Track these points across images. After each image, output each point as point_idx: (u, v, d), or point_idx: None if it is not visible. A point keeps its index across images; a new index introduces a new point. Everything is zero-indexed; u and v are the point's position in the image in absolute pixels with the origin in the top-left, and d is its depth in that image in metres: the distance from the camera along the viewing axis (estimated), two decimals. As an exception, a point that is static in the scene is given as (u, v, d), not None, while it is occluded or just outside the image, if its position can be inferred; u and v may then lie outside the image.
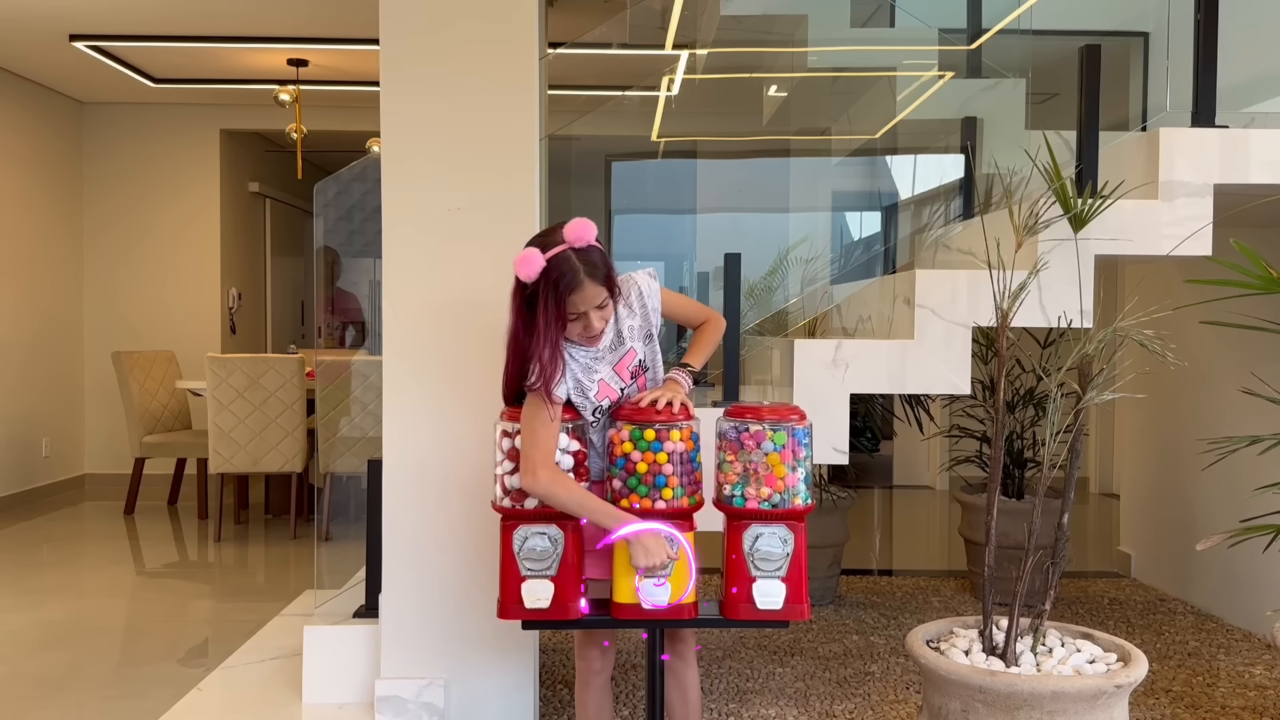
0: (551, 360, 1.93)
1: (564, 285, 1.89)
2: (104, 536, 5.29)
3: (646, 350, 2.10)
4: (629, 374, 2.07)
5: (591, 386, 2.03)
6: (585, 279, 1.90)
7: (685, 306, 2.23)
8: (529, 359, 1.94)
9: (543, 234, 1.99)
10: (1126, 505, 4.61)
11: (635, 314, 2.08)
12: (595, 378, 2.03)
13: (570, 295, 1.90)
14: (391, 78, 2.61)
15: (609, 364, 2.05)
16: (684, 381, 2.07)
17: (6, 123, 5.98)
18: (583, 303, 1.92)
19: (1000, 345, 2.21)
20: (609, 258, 1.97)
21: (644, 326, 2.09)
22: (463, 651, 2.63)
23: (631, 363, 2.07)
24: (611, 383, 2.04)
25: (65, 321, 6.57)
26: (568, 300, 1.91)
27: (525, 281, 1.92)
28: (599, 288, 1.92)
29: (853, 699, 2.97)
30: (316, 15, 4.95)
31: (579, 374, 2.02)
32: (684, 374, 2.09)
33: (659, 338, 2.12)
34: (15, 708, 2.92)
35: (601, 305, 1.95)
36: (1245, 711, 2.91)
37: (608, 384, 2.04)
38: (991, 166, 3.36)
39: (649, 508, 1.96)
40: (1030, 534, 2.13)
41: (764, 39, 4.56)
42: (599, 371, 2.04)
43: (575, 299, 1.91)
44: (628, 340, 2.07)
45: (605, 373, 2.04)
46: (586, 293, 1.91)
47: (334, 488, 4.59)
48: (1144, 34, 3.58)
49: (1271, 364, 3.46)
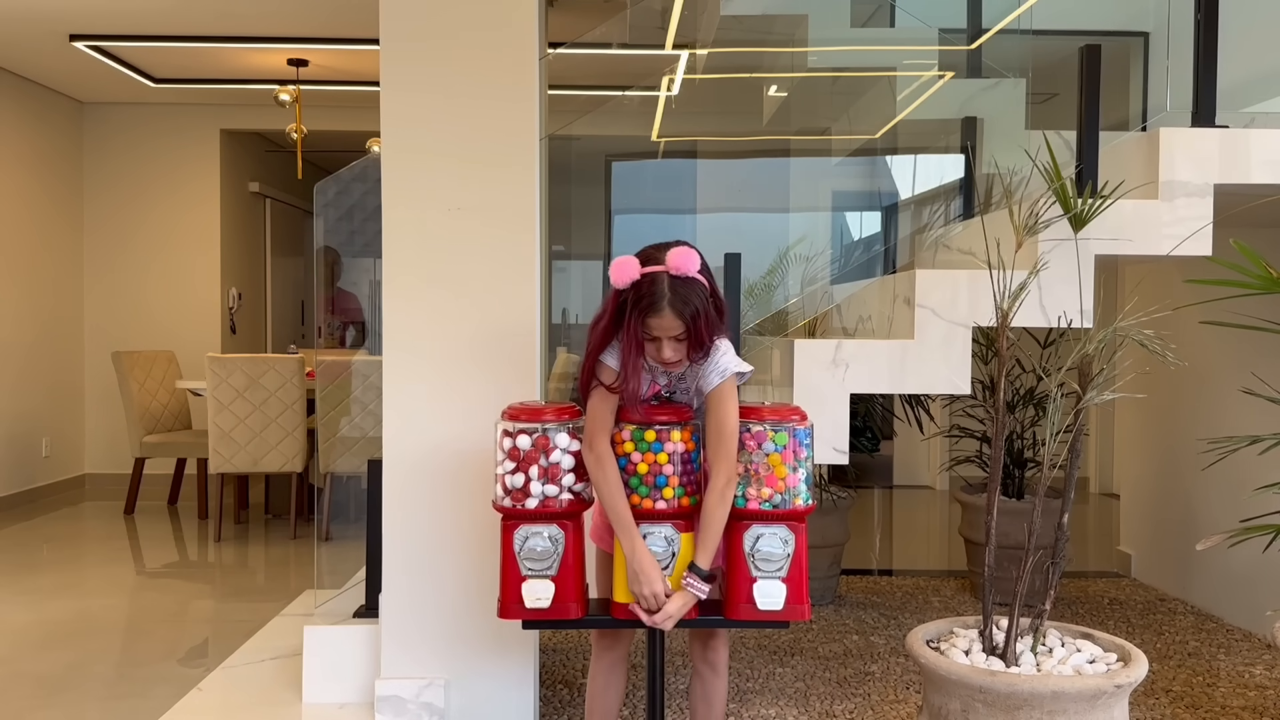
0: (634, 374, 1.95)
1: (644, 305, 1.91)
2: (104, 536, 5.29)
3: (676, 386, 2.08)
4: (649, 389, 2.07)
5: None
6: (667, 308, 1.89)
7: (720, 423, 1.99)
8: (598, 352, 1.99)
9: (653, 247, 1.98)
10: (1126, 505, 4.61)
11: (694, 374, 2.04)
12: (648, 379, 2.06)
13: (648, 318, 1.91)
14: (391, 77, 2.61)
15: (649, 379, 2.05)
16: (695, 591, 1.97)
17: (7, 123, 5.98)
18: (658, 329, 1.91)
19: (1000, 345, 2.21)
20: (711, 303, 1.94)
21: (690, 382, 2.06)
22: (463, 651, 2.63)
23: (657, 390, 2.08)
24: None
25: (65, 321, 6.57)
26: (646, 321, 1.92)
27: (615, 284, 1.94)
28: (678, 321, 1.90)
29: (853, 699, 2.97)
30: (316, 15, 4.95)
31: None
32: (694, 580, 1.97)
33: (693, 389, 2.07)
34: (15, 708, 2.92)
35: (679, 338, 1.93)
36: (1245, 711, 2.91)
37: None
38: (991, 166, 3.36)
39: (650, 508, 1.96)
40: (1030, 534, 2.13)
41: (764, 39, 4.56)
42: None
43: (652, 322, 1.91)
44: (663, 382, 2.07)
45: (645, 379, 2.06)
46: (664, 320, 1.90)
47: (334, 488, 4.59)
48: (1144, 34, 3.58)
49: (1271, 364, 3.46)
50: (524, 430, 1.99)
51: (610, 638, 2.19)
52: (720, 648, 2.17)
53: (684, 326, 1.91)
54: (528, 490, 1.99)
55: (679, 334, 1.92)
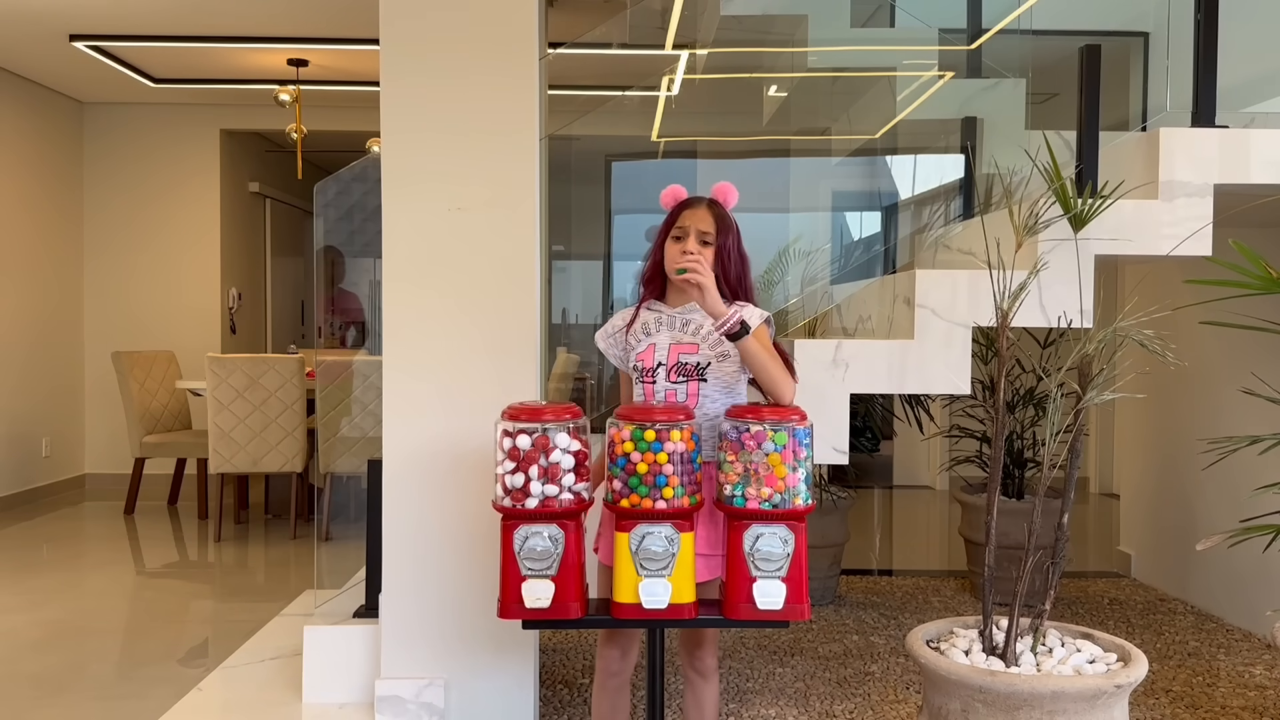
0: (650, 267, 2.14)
1: (685, 202, 2.11)
2: (104, 536, 5.29)
3: (714, 360, 2.07)
4: (678, 365, 2.08)
5: (642, 344, 2.12)
6: (705, 204, 2.09)
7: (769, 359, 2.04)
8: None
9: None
10: (1126, 505, 4.61)
11: None
12: (648, 341, 2.11)
13: (685, 209, 2.09)
14: (391, 77, 2.61)
15: (669, 338, 2.10)
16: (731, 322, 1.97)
17: (7, 122, 5.98)
18: (691, 219, 2.07)
19: (1000, 345, 2.21)
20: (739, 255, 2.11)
21: (725, 342, 2.04)
22: (463, 651, 2.63)
23: (689, 357, 2.09)
24: (658, 352, 2.10)
25: (65, 321, 6.57)
26: (681, 214, 2.09)
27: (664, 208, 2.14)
28: (710, 219, 2.07)
29: (853, 699, 2.97)
30: (316, 15, 4.95)
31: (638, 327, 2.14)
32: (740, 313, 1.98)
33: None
34: (15, 708, 2.92)
35: (705, 238, 2.06)
36: (1245, 711, 2.91)
37: (654, 350, 2.10)
38: (991, 166, 3.36)
39: (650, 508, 1.96)
40: (1030, 534, 2.13)
41: (764, 39, 4.56)
42: (656, 336, 2.11)
43: (687, 213, 2.08)
44: (702, 342, 2.08)
45: (661, 340, 2.11)
46: (698, 212, 2.08)
47: (334, 488, 4.59)
48: (1144, 34, 3.57)
49: (1271, 364, 3.46)
50: (524, 430, 1.99)
51: (617, 663, 2.19)
52: (708, 655, 2.18)
53: (714, 227, 2.06)
54: (528, 490, 1.98)
55: (707, 233, 2.06)
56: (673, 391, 2.08)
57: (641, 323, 2.15)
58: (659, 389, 2.09)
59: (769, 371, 2.02)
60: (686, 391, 2.08)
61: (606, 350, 2.22)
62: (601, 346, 2.23)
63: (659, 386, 2.09)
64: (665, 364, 2.09)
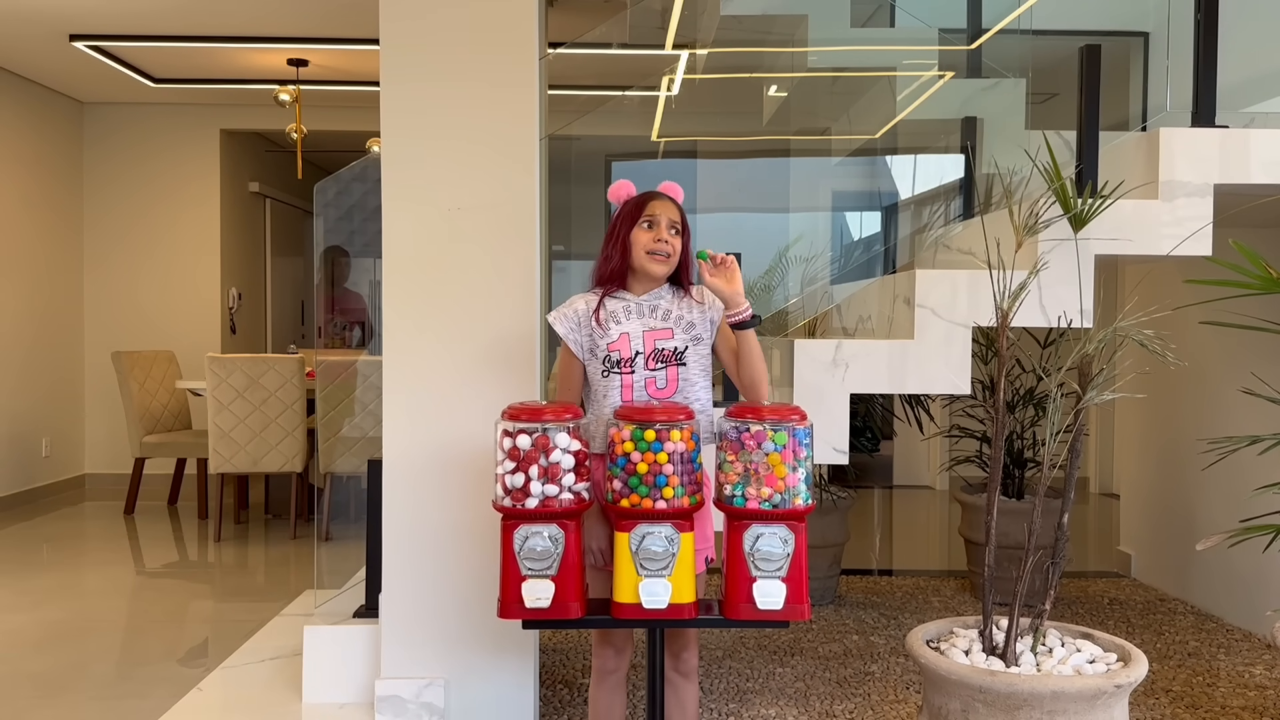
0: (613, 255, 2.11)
1: (650, 194, 2.14)
2: (104, 536, 5.29)
3: (689, 345, 2.11)
4: (656, 352, 2.09)
5: (612, 333, 2.09)
6: (666, 197, 2.13)
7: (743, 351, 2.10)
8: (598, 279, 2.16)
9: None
10: (1126, 505, 4.61)
11: (694, 311, 2.13)
12: (619, 330, 2.09)
13: (650, 200, 2.11)
14: (391, 77, 2.61)
15: (641, 325, 2.10)
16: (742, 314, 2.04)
17: (6, 123, 5.98)
18: (660, 209, 2.09)
19: (1000, 345, 2.21)
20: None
21: (698, 326, 2.11)
22: (463, 651, 2.63)
23: (666, 343, 2.10)
24: (633, 341, 2.09)
25: (65, 321, 6.57)
26: (650, 204, 2.11)
27: (613, 203, 2.16)
28: (676, 211, 2.12)
29: (853, 699, 2.97)
30: (316, 15, 4.95)
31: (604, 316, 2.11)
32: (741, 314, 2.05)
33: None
34: (15, 708, 2.92)
35: (674, 229, 2.09)
36: (1245, 711, 2.91)
37: (629, 339, 2.09)
38: (991, 166, 3.36)
39: (650, 508, 1.96)
40: (1030, 534, 2.13)
41: (764, 39, 4.56)
42: (626, 325, 2.10)
43: (656, 203, 2.10)
44: (675, 326, 2.10)
45: (633, 328, 2.10)
46: (666, 203, 2.11)
47: (334, 488, 4.60)
48: (1144, 34, 3.57)
49: (1271, 364, 3.46)
50: (524, 430, 1.99)
51: (613, 660, 2.20)
52: (691, 656, 2.19)
53: (680, 218, 2.11)
54: (528, 490, 1.98)
55: (676, 223, 2.10)
56: (652, 379, 2.09)
57: (609, 311, 2.12)
58: (638, 378, 2.09)
59: (759, 365, 2.08)
60: (666, 377, 2.09)
61: (567, 334, 2.13)
62: (560, 330, 2.13)
63: (638, 375, 2.09)
64: (643, 352, 2.09)
